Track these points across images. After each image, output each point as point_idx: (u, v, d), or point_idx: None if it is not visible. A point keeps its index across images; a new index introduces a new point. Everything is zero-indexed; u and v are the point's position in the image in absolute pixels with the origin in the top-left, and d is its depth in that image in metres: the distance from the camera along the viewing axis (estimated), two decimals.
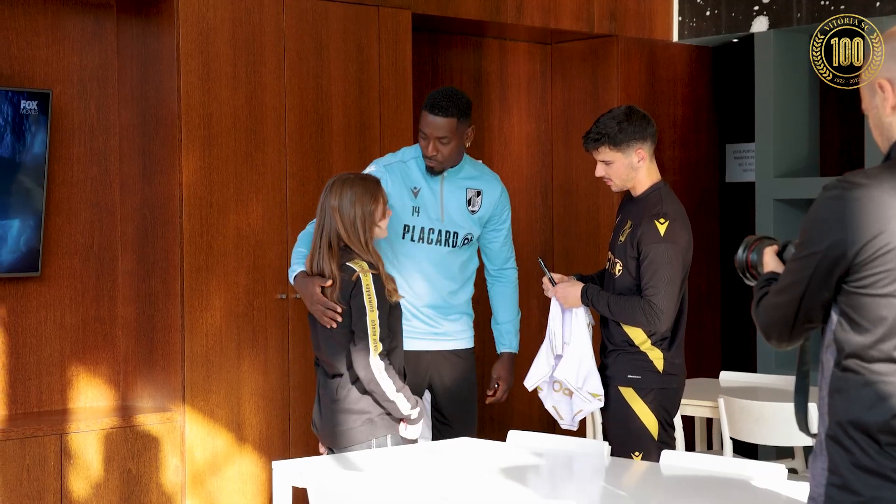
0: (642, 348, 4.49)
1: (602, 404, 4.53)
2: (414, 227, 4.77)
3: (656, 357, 4.49)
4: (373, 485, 3.56)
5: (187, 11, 5.45)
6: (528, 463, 3.98)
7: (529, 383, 4.70)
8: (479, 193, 4.89)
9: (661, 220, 4.42)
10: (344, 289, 4.30)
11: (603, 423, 4.67)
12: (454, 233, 4.80)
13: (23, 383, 5.47)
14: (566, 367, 4.56)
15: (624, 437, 4.47)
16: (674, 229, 4.42)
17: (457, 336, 4.88)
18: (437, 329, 4.83)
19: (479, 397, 5.08)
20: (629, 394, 4.50)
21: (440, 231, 4.78)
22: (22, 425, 5.12)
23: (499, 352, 5.03)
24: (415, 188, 4.79)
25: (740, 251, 2.86)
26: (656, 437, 4.47)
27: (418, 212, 4.77)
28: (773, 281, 2.60)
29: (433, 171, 4.77)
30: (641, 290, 4.43)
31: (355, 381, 4.31)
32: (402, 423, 4.36)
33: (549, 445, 4.15)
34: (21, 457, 5.04)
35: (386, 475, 3.78)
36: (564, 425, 4.71)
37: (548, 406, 4.69)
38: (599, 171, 4.54)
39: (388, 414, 4.34)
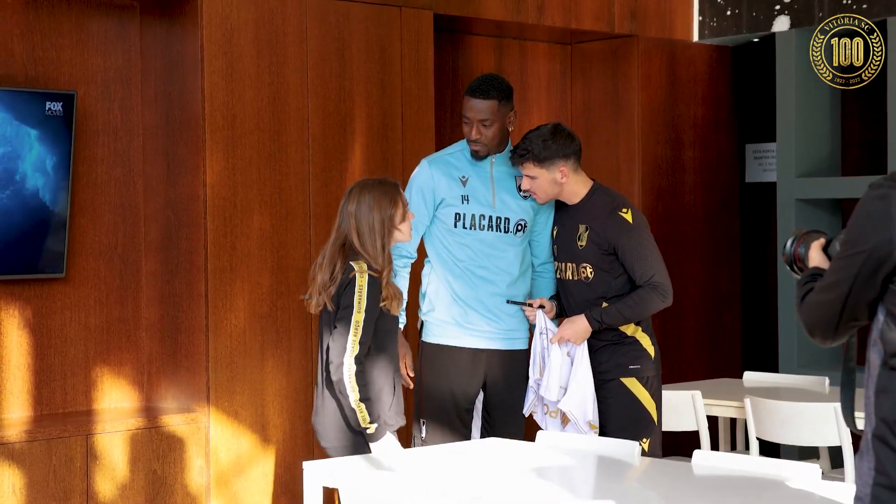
0: (636, 336, 4.69)
1: (596, 434, 4.59)
2: (464, 214, 4.81)
3: (647, 343, 4.70)
4: (404, 485, 3.56)
5: (211, 13, 5.45)
6: (559, 463, 3.98)
7: (525, 411, 4.83)
8: None
9: (624, 210, 4.69)
10: (339, 286, 4.28)
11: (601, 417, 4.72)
12: (506, 218, 4.83)
13: (48, 384, 5.47)
14: (571, 400, 4.63)
15: (631, 426, 4.60)
16: (636, 214, 4.71)
17: (514, 335, 4.87)
18: (498, 325, 4.82)
19: None
20: (632, 383, 4.66)
21: (491, 217, 4.81)
22: (48, 426, 5.13)
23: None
24: (462, 177, 4.84)
25: (789, 244, 2.84)
26: (656, 422, 4.67)
27: (468, 200, 4.82)
28: (816, 277, 2.58)
29: (478, 155, 4.83)
30: (638, 277, 4.62)
31: None
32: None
33: (578, 445, 4.15)
34: (47, 458, 5.04)
35: (417, 475, 3.78)
36: None
37: (542, 425, 4.76)
38: (525, 184, 4.77)
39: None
